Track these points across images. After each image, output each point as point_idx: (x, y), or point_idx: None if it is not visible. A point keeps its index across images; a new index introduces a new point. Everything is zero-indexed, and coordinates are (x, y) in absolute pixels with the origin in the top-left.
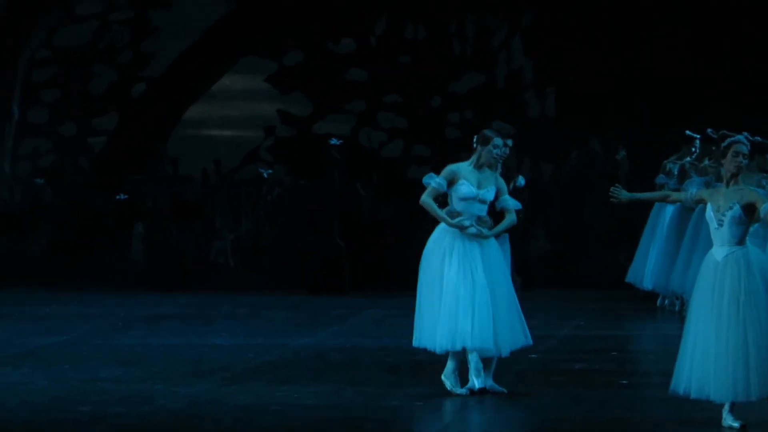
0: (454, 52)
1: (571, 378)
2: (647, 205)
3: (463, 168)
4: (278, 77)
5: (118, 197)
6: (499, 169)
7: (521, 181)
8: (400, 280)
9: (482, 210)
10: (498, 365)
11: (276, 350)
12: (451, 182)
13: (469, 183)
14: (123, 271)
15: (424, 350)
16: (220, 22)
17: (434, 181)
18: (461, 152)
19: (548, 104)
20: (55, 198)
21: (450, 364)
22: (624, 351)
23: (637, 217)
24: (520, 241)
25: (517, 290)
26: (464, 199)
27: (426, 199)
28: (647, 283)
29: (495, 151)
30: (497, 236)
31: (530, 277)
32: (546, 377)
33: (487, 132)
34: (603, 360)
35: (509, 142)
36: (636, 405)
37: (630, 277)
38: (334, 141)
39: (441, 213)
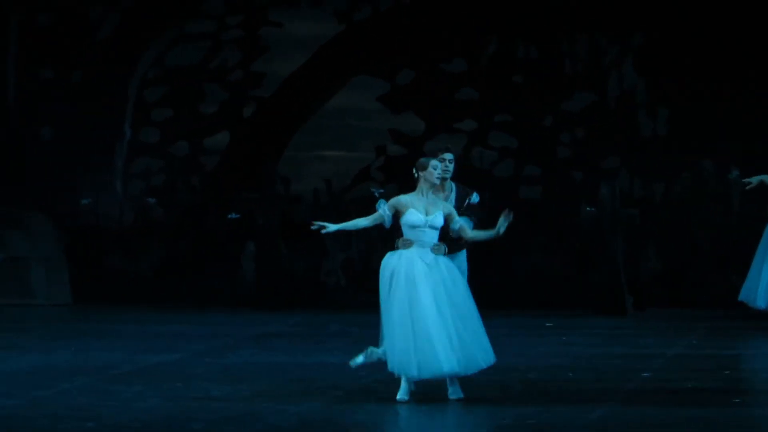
0: (566, 71)
1: (684, 397)
2: (760, 224)
3: (410, 197)
4: (390, 96)
5: (229, 216)
6: (454, 189)
7: (476, 198)
8: (509, 300)
9: (434, 237)
10: (608, 383)
11: (384, 369)
12: (399, 213)
13: (417, 211)
14: (233, 290)
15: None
16: (332, 42)
17: (381, 209)
18: (572, 171)
19: (660, 124)
20: (167, 217)
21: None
22: (737, 370)
23: (749, 236)
24: (631, 260)
25: (629, 309)
26: (414, 227)
27: (360, 222)
28: (760, 302)
29: (435, 172)
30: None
31: (642, 296)
32: (658, 396)
33: (422, 160)
34: (715, 379)
35: (448, 156)
36: (749, 424)
37: (743, 296)
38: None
39: (343, 224)
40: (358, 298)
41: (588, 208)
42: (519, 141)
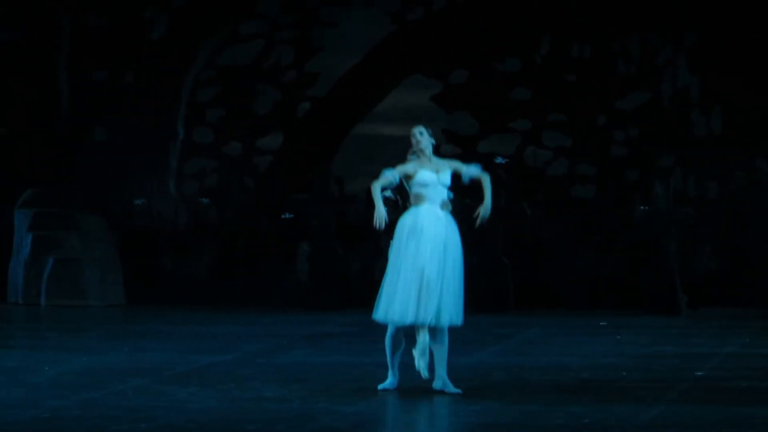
0: (619, 70)
1: (737, 396)
2: None
3: (415, 163)
4: (444, 96)
5: (283, 216)
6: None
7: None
8: (565, 299)
9: (443, 194)
10: (662, 382)
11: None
12: (409, 176)
13: (428, 170)
14: (287, 290)
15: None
16: (385, 41)
17: (389, 173)
18: (626, 170)
19: (714, 123)
20: (220, 217)
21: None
22: None
23: None
24: (685, 260)
25: (683, 309)
26: (426, 185)
27: (375, 186)
28: None
29: (413, 139)
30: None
31: (696, 295)
32: (711, 395)
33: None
34: None
35: (423, 132)
36: None
37: None
38: (499, 160)
39: (379, 199)
40: None
41: (642, 207)
42: (573, 140)
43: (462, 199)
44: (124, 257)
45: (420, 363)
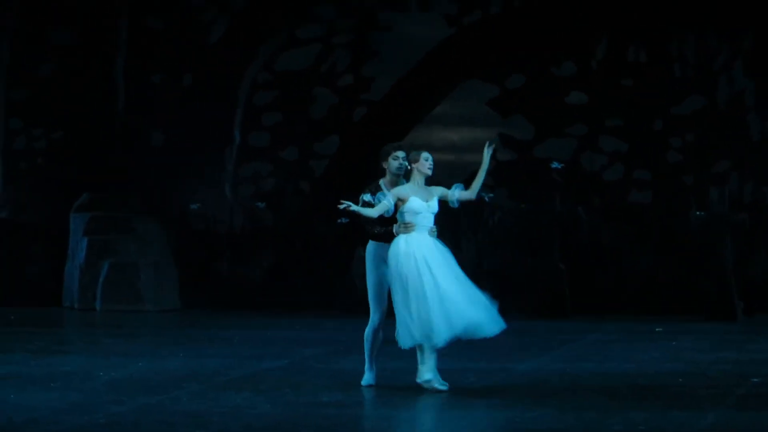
0: (676, 74)
1: None
2: None
3: (408, 188)
4: (500, 101)
5: (339, 221)
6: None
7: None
8: (622, 304)
9: (432, 221)
10: (718, 388)
11: (497, 374)
12: (401, 202)
13: (418, 198)
14: (343, 295)
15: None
16: (442, 45)
17: (387, 200)
18: (682, 175)
19: None
20: (276, 221)
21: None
22: None
23: None
24: (741, 265)
25: (739, 314)
26: (417, 213)
27: (373, 213)
28: None
29: (428, 163)
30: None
31: (752, 301)
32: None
33: (413, 153)
34: None
35: (400, 155)
36: None
37: None
38: (555, 165)
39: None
40: None
41: (698, 213)
42: (629, 145)
43: (518, 204)
44: (180, 261)
45: (435, 384)
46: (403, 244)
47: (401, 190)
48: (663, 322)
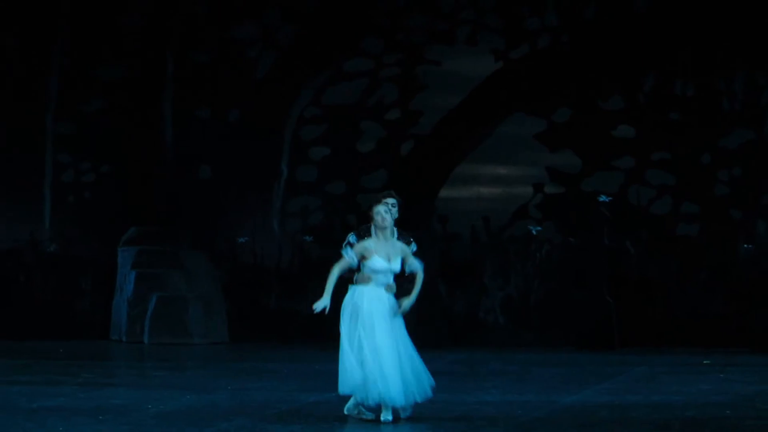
0: (723, 108)
1: None
2: None
3: (373, 244)
4: (547, 134)
5: None
6: (395, 234)
7: (414, 247)
8: (670, 337)
9: (391, 279)
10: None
11: (545, 407)
12: (364, 258)
13: (380, 257)
14: None
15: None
16: (489, 79)
17: (348, 256)
18: (730, 208)
19: None
20: (324, 255)
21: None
22: None
23: None
24: None
25: None
26: (377, 271)
27: (334, 271)
28: None
29: (378, 217)
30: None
31: None
32: None
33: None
34: None
35: (390, 201)
36: None
37: None
38: (603, 198)
39: (329, 288)
40: (517, 336)
41: (745, 246)
42: (676, 178)
43: (566, 237)
44: (228, 295)
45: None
46: (357, 295)
47: (366, 246)
48: (711, 355)
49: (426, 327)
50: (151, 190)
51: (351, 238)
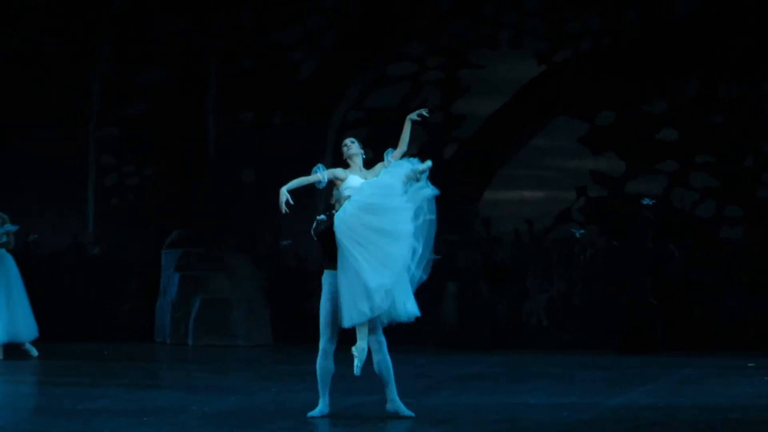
0: (766, 111)
1: None
2: None
3: (345, 171)
4: (590, 137)
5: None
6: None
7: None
8: (714, 340)
9: None
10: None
11: (589, 409)
12: (339, 179)
13: (356, 176)
14: (434, 331)
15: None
16: (532, 83)
17: (320, 172)
18: None
19: None
20: None
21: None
22: None
23: None
24: None
25: None
26: (356, 188)
27: (301, 179)
28: None
29: (344, 149)
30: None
31: None
32: None
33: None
34: None
35: (354, 141)
36: None
37: None
38: (646, 201)
39: (292, 187)
40: (560, 338)
41: None
42: (720, 181)
43: (610, 240)
44: (272, 297)
45: (357, 363)
46: (348, 206)
47: (337, 170)
48: (755, 358)
49: (469, 329)
50: (194, 192)
51: (320, 218)
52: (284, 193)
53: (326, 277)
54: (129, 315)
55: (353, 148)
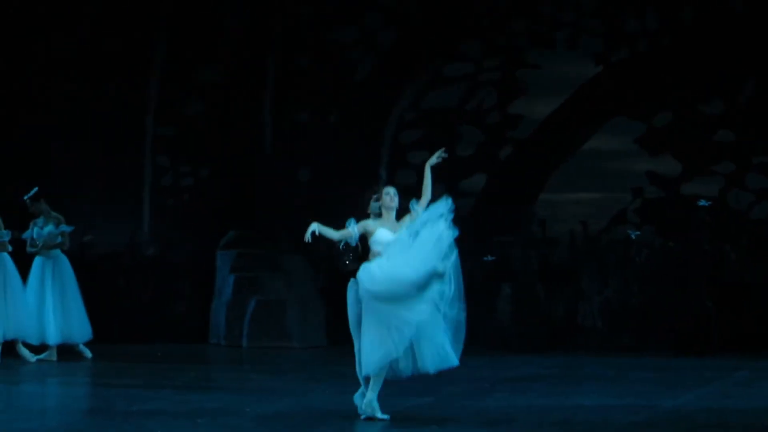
0: None
1: None
2: None
3: (376, 221)
4: (647, 138)
5: (485, 259)
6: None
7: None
8: (763, 342)
9: None
10: None
11: (644, 411)
12: (368, 234)
13: (385, 229)
14: (490, 332)
15: None
16: (589, 83)
17: (351, 227)
18: None
19: None
20: None
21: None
22: None
23: None
24: None
25: None
26: (384, 243)
27: (334, 233)
28: None
29: (386, 197)
30: None
31: None
32: None
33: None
34: None
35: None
36: None
37: None
38: (702, 202)
39: (328, 230)
40: (615, 340)
41: None
42: None
43: (666, 241)
44: (327, 299)
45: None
46: (374, 266)
47: (368, 223)
48: None
49: (524, 331)
50: (250, 193)
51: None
52: (314, 226)
53: (351, 284)
54: (183, 316)
55: (395, 200)
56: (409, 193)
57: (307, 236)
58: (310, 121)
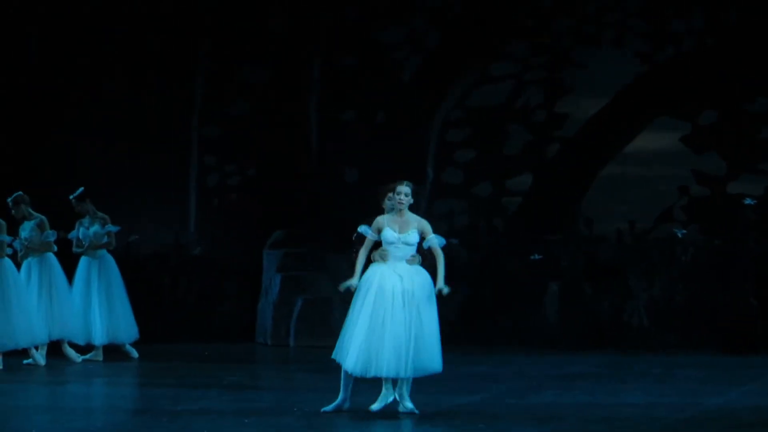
0: None
1: None
2: None
3: (385, 219)
4: (692, 137)
5: (532, 257)
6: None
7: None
8: None
9: (408, 251)
10: None
11: (689, 409)
12: (378, 231)
13: (391, 229)
14: (537, 331)
15: None
16: (635, 82)
17: (368, 233)
18: None
19: None
20: (470, 258)
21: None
22: None
23: None
24: None
25: None
26: (389, 243)
27: (360, 252)
28: None
29: (398, 196)
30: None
31: None
32: None
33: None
34: None
35: (409, 192)
36: None
37: None
38: (748, 201)
39: (358, 268)
40: (661, 338)
41: None
42: None
43: (711, 240)
44: None
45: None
46: (371, 274)
47: (379, 220)
48: None
49: (571, 329)
50: (296, 192)
51: (361, 228)
52: (354, 282)
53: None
54: (230, 316)
55: (406, 200)
56: (453, 193)
57: (343, 287)
58: (356, 121)
